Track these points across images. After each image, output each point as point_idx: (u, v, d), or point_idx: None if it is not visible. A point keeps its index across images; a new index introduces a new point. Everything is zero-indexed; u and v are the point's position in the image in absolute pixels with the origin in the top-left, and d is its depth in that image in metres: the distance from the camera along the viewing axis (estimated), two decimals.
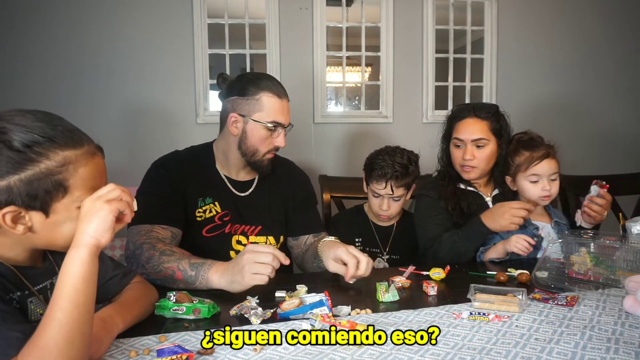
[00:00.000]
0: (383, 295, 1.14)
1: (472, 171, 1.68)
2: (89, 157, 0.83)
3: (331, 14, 3.00)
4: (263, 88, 1.44)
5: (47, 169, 0.78)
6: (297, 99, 2.92)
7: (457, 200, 1.69)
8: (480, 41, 3.16)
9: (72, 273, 0.76)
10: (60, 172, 0.79)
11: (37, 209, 0.80)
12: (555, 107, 3.22)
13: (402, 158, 1.71)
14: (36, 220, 0.81)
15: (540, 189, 1.56)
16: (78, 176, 0.81)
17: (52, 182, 0.79)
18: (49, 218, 0.81)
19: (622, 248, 1.26)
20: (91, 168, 0.83)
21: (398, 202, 1.76)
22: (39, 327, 0.73)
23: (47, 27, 2.69)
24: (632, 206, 2.35)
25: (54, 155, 0.79)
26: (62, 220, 0.82)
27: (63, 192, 0.80)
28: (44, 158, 0.78)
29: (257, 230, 1.51)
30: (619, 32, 3.26)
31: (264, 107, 1.43)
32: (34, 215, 0.80)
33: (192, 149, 1.58)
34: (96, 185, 0.83)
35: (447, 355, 0.85)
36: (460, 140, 1.68)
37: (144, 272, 1.22)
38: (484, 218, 1.54)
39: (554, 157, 1.57)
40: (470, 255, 1.58)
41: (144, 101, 2.82)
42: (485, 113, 1.68)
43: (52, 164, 0.78)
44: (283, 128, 1.47)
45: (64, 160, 0.80)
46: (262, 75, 1.52)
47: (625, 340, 0.90)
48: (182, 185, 1.44)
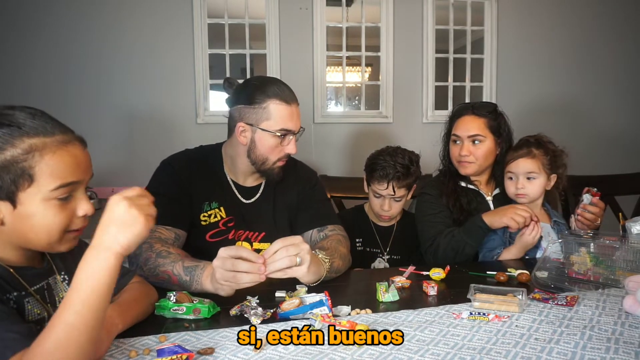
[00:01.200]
0: (383, 295, 1.14)
1: (469, 166, 1.70)
2: (60, 146, 0.81)
3: (331, 14, 3.01)
4: (270, 95, 1.38)
5: (12, 157, 0.77)
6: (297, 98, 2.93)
7: (457, 197, 1.70)
8: (480, 41, 3.16)
9: (93, 276, 0.73)
10: (26, 159, 0.78)
11: (4, 198, 0.78)
12: (555, 106, 3.22)
13: (403, 159, 1.71)
14: (6, 212, 0.80)
15: (515, 186, 1.60)
16: (44, 163, 0.79)
17: (17, 170, 0.77)
18: (16, 209, 0.79)
19: (622, 248, 1.26)
20: (61, 156, 0.81)
21: (399, 202, 1.76)
22: (46, 328, 0.71)
23: (47, 28, 2.69)
24: (632, 206, 2.35)
25: (19, 142, 0.78)
26: (30, 212, 0.80)
27: (29, 181, 0.78)
28: (9, 145, 0.77)
29: (260, 237, 1.49)
30: (619, 32, 3.26)
31: (271, 116, 1.38)
32: (2, 205, 0.79)
33: (201, 149, 1.56)
34: (67, 176, 0.81)
35: (447, 355, 0.85)
36: (457, 137, 1.71)
37: (142, 274, 1.21)
38: (484, 215, 1.56)
39: (535, 158, 1.58)
40: (470, 252, 1.58)
41: (144, 101, 2.82)
42: (482, 111, 1.71)
43: (17, 152, 0.77)
44: (293, 134, 1.42)
45: (30, 147, 0.78)
46: (269, 80, 1.46)
47: (625, 340, 0.90)
48: (190, 186, 1.43)
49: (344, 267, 1.39)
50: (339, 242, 1.44)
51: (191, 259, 1.24)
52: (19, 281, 0.85)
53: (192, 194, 1.43)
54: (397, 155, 1.71)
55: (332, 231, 1.50)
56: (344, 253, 1.41)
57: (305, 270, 1.10)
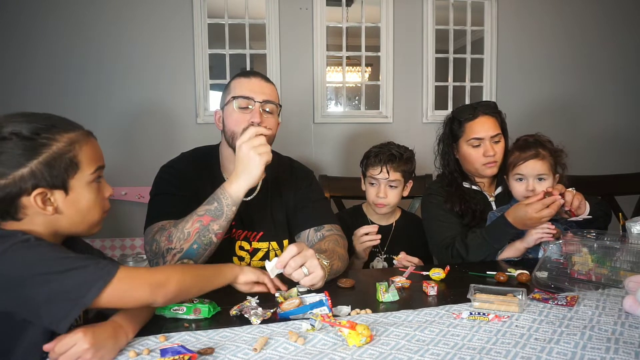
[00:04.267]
0: (383, 295, 1.14)
1: (495, 165, 1.72)
2: (87, 137, 0.96)
3: (331, 14, 3.01)
4: (234, 77, 1.46)
5: (59, 149, 0.90)
6: (297, 99, 2.94)
7: (467, 204, 1.69)
8: (480, 41, 3.16)
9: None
10: (70, 150, 0.92)
11: (59, 187, 0.91)
12: (554, 106, 3.22)
13: (396, 147, 1.78)
14: (60, 200, 0.92)
15: (525, 188, 1.57)
16: (84, 153, 0.94)
17: (67, 159, 0.91)
18: (68, 195, 0.92)
19: (622, 248, 1.26)
20: (91, 146, 0.96)
21: (395, 190, 1.76)
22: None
23: (47, 29, 2.69)
24: (632, 206, 2.35)
25: (60, 137, 0.91)
26: (79, 196, 0.94)
27: (75, 168, 0.92)
28: (53, 141, 0.90)
29: (259, 236, 1.50)
30: (618, 33, 3.26)
31: (232, 89, 1.44)
32: (57, 194, 0.91)
33: (197, 151, 1.57)
34: (98, 160, 0.97)
35: (447, 355, 0.85)
36: (479, 139, 1.69)
37: (175, 254, 1.24)
38: (511, 219, 1.50)
39: (544, 159, 1.56)
40: (495, 255, 1.58)
41: (144, 101, 2.82)
42: (492, 110, 1.73)
43: (61, 145, 0.91)
44: (255, 102, 1.40)
45: (70, 140, 0.92)
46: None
47: (625, 340, 0.90)
48: (193, 185, 1.44)
49: (343, 267, 1.39)
50: (336, 242, 1.45)
51: (202, 205, 1.30)
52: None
53: (195, 192, 1.43)
54: (389, 144, 1.80)
55: (329, 231, 1.50)
56: (342, 254, 1.42)
57: (313, 282, 1.17)
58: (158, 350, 0.85)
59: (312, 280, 1.16)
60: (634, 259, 1.23)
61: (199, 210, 1.27)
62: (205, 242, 1.25)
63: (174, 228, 1.26)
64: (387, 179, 1.73)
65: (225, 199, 1.26)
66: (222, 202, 1.26)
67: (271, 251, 1.51)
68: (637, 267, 1.21)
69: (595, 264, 1.26)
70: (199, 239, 1.24)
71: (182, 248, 1.23)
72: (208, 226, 1.24)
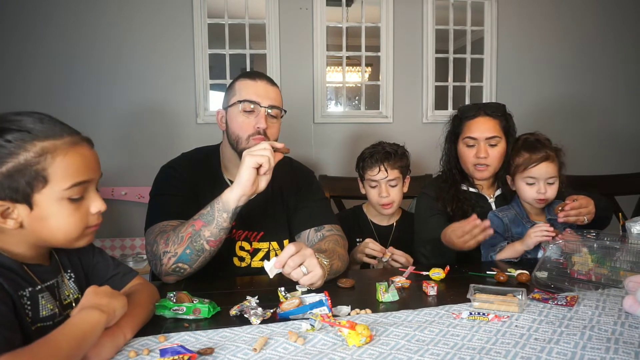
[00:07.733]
0: (383, 295, 1.14)
1: (486, 170, 1.69)
2: (69, 147, 0.85)
3: (331, 14, 3.01)
4: (239, 78, 1.46)
5: (25, 161, 0.81)
6: (297, 99, 2.94)
7: (459, 204, 1.68)
8: (480, 41, 3.16)
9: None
10: (39, 162, 0.81)
11: (21, 201, 0.82)
12: (555, 106, 3.22)
13: (387, 145, 1.80)
14: (24, 215, 0.83)
15: (536, 191, 1.56)
16: (56, 165, 0.82)
17: (32, 172, 0.81)
18: (33, 211, 0.83)
19: (622, 248, 1.26)
20: (72, 157, 0.85)
21: (395, 187, 1.77)
22: (37, 342, 0.73)
23: (47, 29, 2.69)
24: (632, 206, 2.35)
25: (31, 146, 0.81)
26: (46, 213, 0.84)
27: (43, 182, 0.82)
28: (22, 150, 0.81)
29: (259, 236, 1.50)
30: (618, 33, 3.26)
31: (237, 92, 1.43)
32: (20, 208, 0.82)
33: (198, 151, 1.57)
34: (79, 175, 0.85)
35: (447, 355, 0.85)
36: (473, 139, 1.68)
37: (170, 257, 1.23)
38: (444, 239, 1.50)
39: (554, 161, 1.55)
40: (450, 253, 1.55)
41: (144, 101, 2.82)
42: (495, 111, 1.70)
43: (30, 155, 0.81)
44: (261, 107, 1.40)
45: (42, 150, 0.82)
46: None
47: (625, 340, 0.90)
48: (194, 186, 1.44)
49: (343, 267, 1.39)
50: (336, 242, 1.44)
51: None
52: (32, 277, 0.87)
53: (195, 193, 1.43)
54: (381, 144, 1.81)
55: (330, 231, 1.50)
56: (342, 254, 1.42)
57: (312, 281, 1.16)
58: (158, 350, 0.85)
59: (311, 279, 1.16)
60: (634, 259, 1.23)
61: (195, 215, 1.27)
62: (197, 248, 1.24)
63: (173, 231, 1.26)
64: (387, 178, 1.74)
65: (217, 204, 1.24)
66: (214, 207, 1.25)
67: (271, 251, 1.51)
68: (637, 267, 1.21)
69: (595, 264, 1.26)
70: (191, 243, 1.23)
71: (176, 252, 1.23)
72: (200, 231, 1.23)
